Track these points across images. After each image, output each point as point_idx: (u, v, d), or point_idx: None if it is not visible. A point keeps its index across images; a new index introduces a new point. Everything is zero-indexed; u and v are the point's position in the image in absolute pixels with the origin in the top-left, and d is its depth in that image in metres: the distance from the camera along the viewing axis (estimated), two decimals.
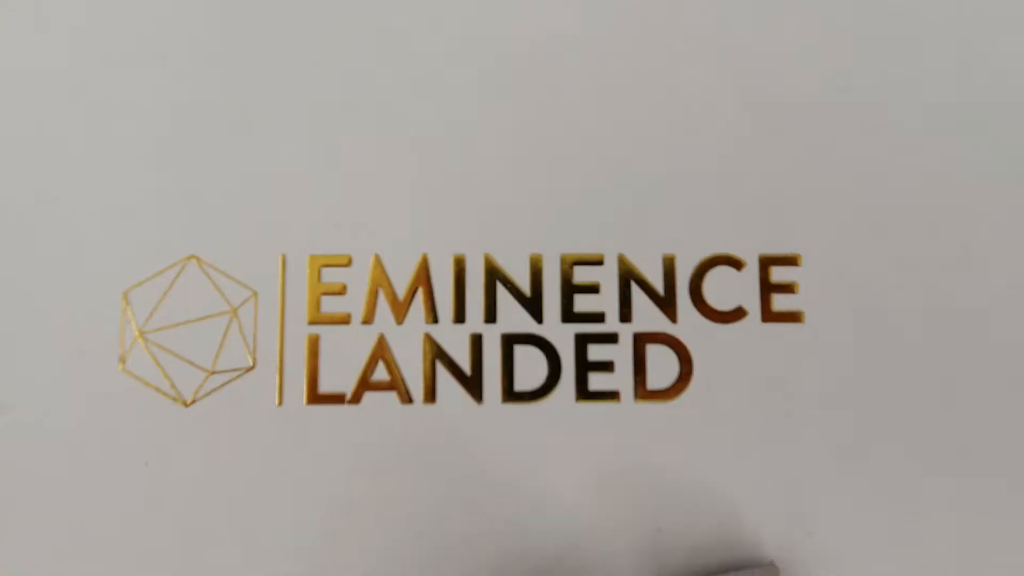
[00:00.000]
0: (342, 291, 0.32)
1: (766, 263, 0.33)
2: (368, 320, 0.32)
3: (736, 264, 0.33)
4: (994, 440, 0.32)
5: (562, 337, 0.32)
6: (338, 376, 0.32)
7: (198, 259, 0.32)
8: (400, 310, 0.32)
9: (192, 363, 0.32)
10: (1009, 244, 0.33)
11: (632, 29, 0.34)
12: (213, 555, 0.31)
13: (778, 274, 0.33)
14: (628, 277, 0.33)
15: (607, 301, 0.33)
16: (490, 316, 0.33)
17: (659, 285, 0.33)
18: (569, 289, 0.32)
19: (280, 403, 0.32)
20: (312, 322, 0.32)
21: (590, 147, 0.33)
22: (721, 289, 0.33)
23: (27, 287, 0.32)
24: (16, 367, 0.32)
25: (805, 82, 0.34)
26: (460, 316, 0.32)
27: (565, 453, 0.32)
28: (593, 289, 0.33)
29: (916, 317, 0.32)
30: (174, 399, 0.32)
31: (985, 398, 0.32)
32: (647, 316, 0.33)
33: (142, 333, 0.32)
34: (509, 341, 0.32)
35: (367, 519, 0.31)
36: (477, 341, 0.32)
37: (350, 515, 0.31)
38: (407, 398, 0.32)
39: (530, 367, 0.32)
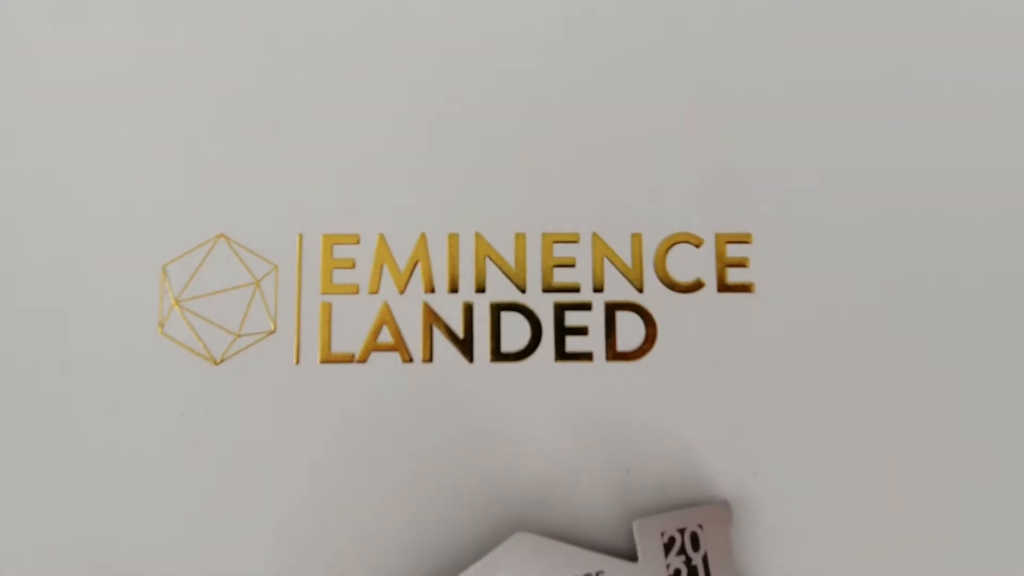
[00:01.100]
0: (351, 265, 0.35)
1: (722, 241, 0.35)
2: (374, 290, 0.35)
3: (695, 242, 0.35)
4: (922, 390, 0.35)
5: (543, 305, 0.35)
6: (348, 338, 0.35)
7: (226, 237, 0.35)
8: (401, 282, 0.35)
9: (221, 327, 0.35)
10: (937, 216, 0.36)
11: (610, 38, 0.37)
12: (238, 492, 0.34)
13: (732, 251, 0.35)
14: (601, 253, 0.35)
15: (582, 274, 0.35)
16: (480, 287, 0.35)
17: (628, 260, 0.35)
18: (549, 263, 0.35)
19: (298, 362, 0.34)
20: (325, 292, 0.35)
21: (568, 140, 0.36)
22: (682, 263, 0.35)
23: (80, 262, 0.35)
24: (71, 331, 0.34)
25: (757, 84, 0.36)
26: (454, 287, 0.35)
27: (545, 406, 0.34)
28: (570, 264, 0.35)
29: (851, 288, 0.35)
30: (206, 358, 0.34)
31: (913, 355, 0.35)
32: (617, 287, 0.35)
33: (178, 301, 0.35)
34: (497, 309, 0.35)
35: (372, 461, 0.34)
36: (469, 309, 0.35)
37: (357, 458, 0.34)
38: (408, 358, 0.35)
39: (515, 331, 0.35)
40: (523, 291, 0.35)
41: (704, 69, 0.36)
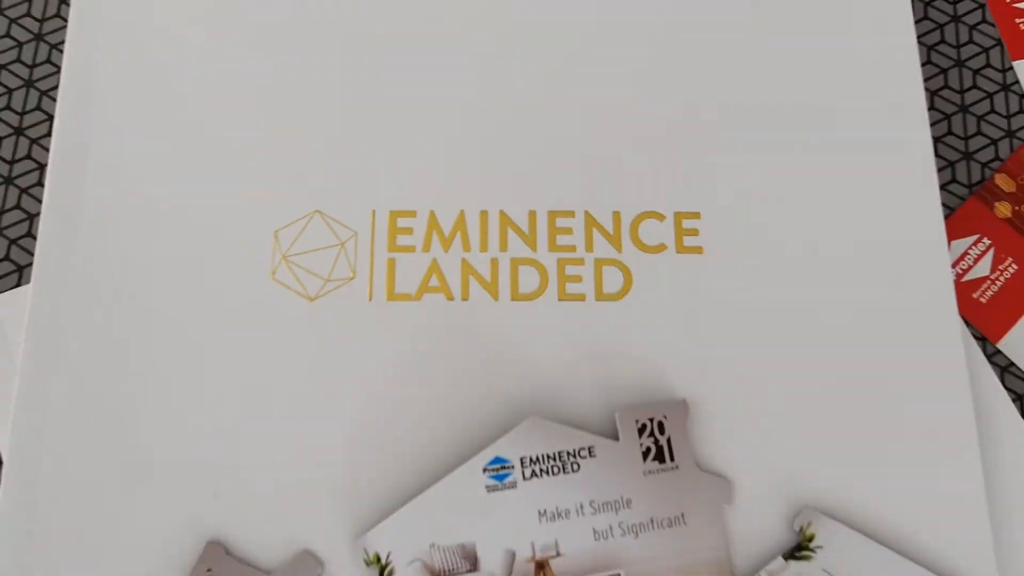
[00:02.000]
0: (410, 232, 0.41)
1: (679, 217, 0.42)
2: (426, 250, 0.41)
3: (659, 218, 0.42)
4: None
5: (549, 261, 0.41)
6: (407, 283, 0.41)
7: (321, 213, 0.41)
8: (447, 244, 0.41)
9: (316, 274, 0.41)
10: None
11: (613, 55, 0.43)
12: (325, 394, 0.39)
13: (686, 224, 0.42)
14: (591, 225, 0.41)
15: (577, 239, 0.41)
16: (503, 248, 0.41)
17: (610, 229, 0.41)
18: (553, 232, 0.41)
19: (370, 299, 0.40)
20: (391, 251, 0.41)
21: (569, 136, 0.42)
22: (650, 233, 0.42)
23: (213, 228, 0.41)
24: (206, 278, 0.41)
25: (723, 93, 0.43)
26: (484, 247, 0.41)
27: (551, 334, 0.40)
28: (568, 232, 0.41)
29: (777, 248, 0.41)
30: (304, 297, 0.40)
31: (832, 279, 0.41)
32: (603, 248, 0.41)
33: (285, 256, 0.41)
34: (515, 263, 0.41)
35: (424, 374, 0.40)
36: (495, 263, 0.41)
37: (413, 371, 0.40)
38: (451, 297, 0.40)
39: (528, 279, 0.41)
40: (534, 251, 0.41)
41: (678, 85, 0.43)
